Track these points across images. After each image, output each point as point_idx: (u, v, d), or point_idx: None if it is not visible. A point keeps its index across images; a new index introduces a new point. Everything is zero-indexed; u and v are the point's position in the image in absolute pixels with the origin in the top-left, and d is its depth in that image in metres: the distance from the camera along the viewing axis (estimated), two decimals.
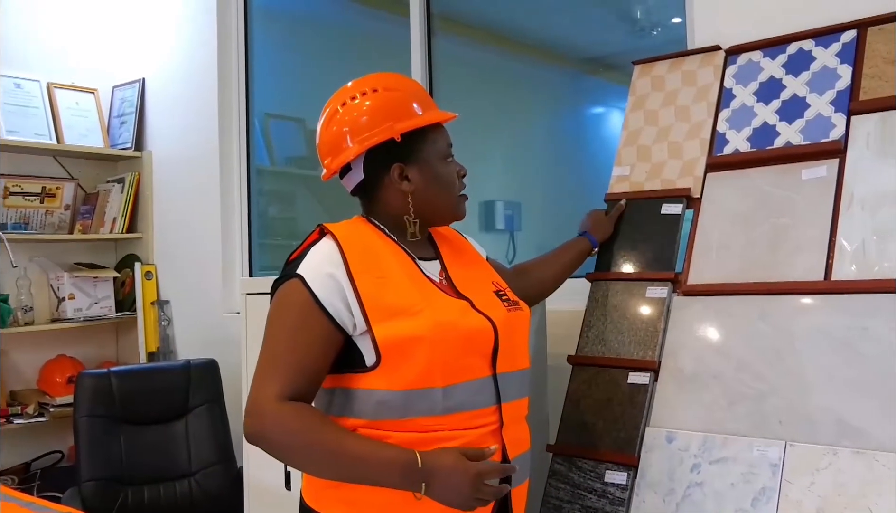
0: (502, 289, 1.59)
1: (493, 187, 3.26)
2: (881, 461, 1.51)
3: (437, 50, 3.17)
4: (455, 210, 1.58)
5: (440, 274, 1.54)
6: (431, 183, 1.52)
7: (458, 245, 1.68)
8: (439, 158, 1.54)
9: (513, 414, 1.50)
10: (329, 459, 1.34)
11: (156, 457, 2.97)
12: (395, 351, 1.37)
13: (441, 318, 1.39)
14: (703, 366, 1.82)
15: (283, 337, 1.39)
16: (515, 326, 1.53)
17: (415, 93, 1.55)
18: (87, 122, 3.89)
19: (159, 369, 3.22)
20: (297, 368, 1.37)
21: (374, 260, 1.44)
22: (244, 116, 3.67)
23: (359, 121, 1.49)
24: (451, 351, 1.39)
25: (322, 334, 1.38)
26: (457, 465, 1.30)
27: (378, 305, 1.38)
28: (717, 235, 1.93)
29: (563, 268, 1.98)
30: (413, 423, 1.37)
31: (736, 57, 2.07)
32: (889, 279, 1.63)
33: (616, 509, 1.82)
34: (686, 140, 2.07)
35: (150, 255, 3.85)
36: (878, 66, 1.82)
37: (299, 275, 1.41)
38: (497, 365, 1.46)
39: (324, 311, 1.38)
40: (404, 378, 1.37)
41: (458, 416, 1.39)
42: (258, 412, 1.35)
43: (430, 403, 1.37)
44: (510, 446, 1.47)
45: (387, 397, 1.37)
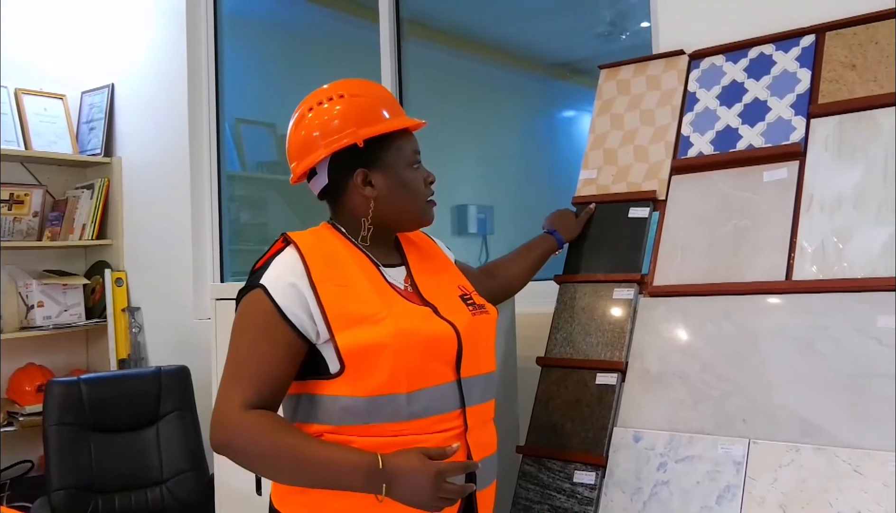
0: (468, 293, 1.60)
1: (465, 191, 3.27)
2: (841, 457, 1.54)
3: (406, 55, 3.18)
4: (421, 217, 1.58)
5: (405, 280, 1.55)
6: (395, 189, 1.53)
7: (426, 250, 1.69)
8: (404, 165, 1.54)
9: (478, 418, 1.50)
10: (292, 465, 1.34)
11: (127, 465, 2.95)
12: (358, 359, 1.38)
13: (403, 325, 1.40)
14: (668, 366, 1.84)
15: (246, 347, 1.40)
16: (480, 330, 1.54)
17: (381, 99, 1.55)
18: (56, 128, 3.86)
19: (129, 376, 3.20)
20: (261, 377, 1.38)
21: (336, 268, 1.45)
22: (214, 122, 3.66)
23: (324, 125, 1.50)
24: (413, 357, 1.39)
25: (285, 344, 1.39)
26: (418, 465, 1.31)
27: (340, 314, 1.39)
28: (681, 236, 1.96)
29: (530, 266, 2.00)
30: (377, 428, 1.38)
31: (699, 61, 2.10)
32: (848, 279, 1.66)
33: (584, 509, 1.84)
34: (651, 143, 2.10)
35: (121, 261, 3.82)
36: (835, 71, 1.86)
37: (262, 285, 1.42)
38: (461, 370, 1.47)
39: (286, 321, 1.39)
40: (368, 385, 1.38)
41: (422, 421, 1.40)
42: (223, 422, 1.36)
43: (394, 408, 1.38)
44: (475, 449, 1.47)
45: (351, 404, 1.38)
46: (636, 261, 2.01)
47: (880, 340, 1.58)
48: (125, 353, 3.68)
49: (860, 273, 1.66)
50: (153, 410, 3.06)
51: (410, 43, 3.19)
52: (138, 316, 3.75)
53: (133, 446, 2.98)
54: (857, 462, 1.52)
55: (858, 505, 1.48)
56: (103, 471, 2.89)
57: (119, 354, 3.67)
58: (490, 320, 1.59)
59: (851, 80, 1.83)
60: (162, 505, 2.94)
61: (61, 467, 2.82)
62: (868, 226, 1.68)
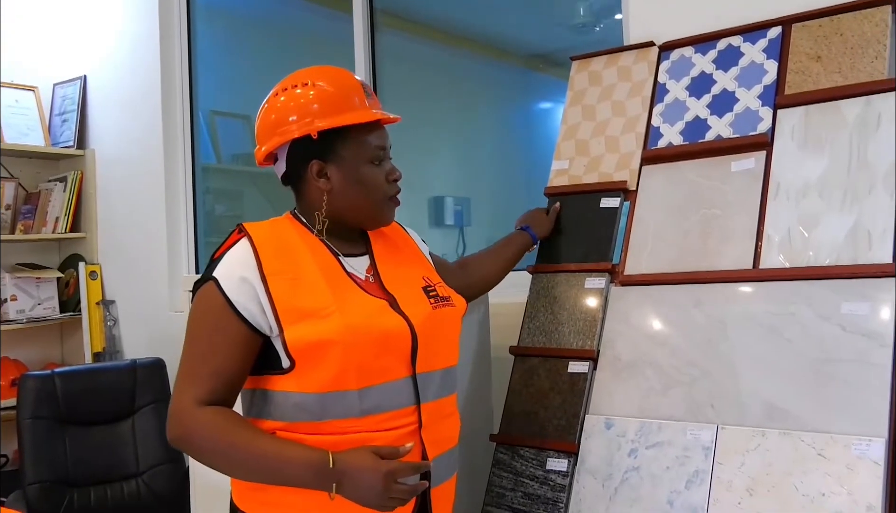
0: (432, 284, 1.57)
1: (442, 183, 3.29)
2: (806, 441, 1.57)
3: (380, 46, 3.18)
4: (377, 215, 1.54)
5: (368, 270, 1.53)
6: (350, 184, 1.49)
7: (395, 239, 1.66)
8: (362, 160, 1.50)
9: (434, 413, 1.48)
10: (244, 460, 1.35)
11: (102, 458, 2.94)
12: (306, 354, 1.36)
13: (352, 320, 1.38)
14: (639, 354, 1.87)
15: (200, 342, 1.40)
16: (441, 323, 1.51)
17: (347, 90, 1.51)
18: (28, 120, 3.82)
19: (104, 370, 3.19)
20: (215, 372, 1.38)
21: (289, 261, 1.43)
22: (188, 114, 3.65)
23: (286, 112, 1.48)
24: (364, 353, 1.38)
25: (238, 338, 1.38)
26: (368, 464, 1.30)
27: (290, 308, 1.38)
28: (652, 226, 1.98)
29: (506, 262, 2.00)
30: (330, 425, 1.37)
31: (669, 53, 2.12)
32: (813, 267, 1.70)
33: (557, 496, 1.86)
34: (622, 134, 2.12)
35: (95, 254, 3.80)
36: (801, 62, 1.89)
37: (215, 278, 1.41)
38: (416, 365, 1.44)
39: (238, 315, 1.38)
40: (318, 381, 1.36)
41: (375, 417, 1.39)
42: (178, 418, 1.37)
43: (346, 405, 1.37)
44: (430, 445, 1.46)
45: (303, 400, 1.37)
46: (607, 250, 2.03)
47: (843, 327, 1.61)
48: (100, 346, 3.67)
49: (825, 261, 1.69)
50: (128, 403, 3.05)
51: (384, 34, 3.20)
52: (113, 309, 3.73)
53: (108, 440, 2.97)
54: (821, 446, 1.55)
55: (822, 488, 1.52)
56: (78, 464, 2.88)
57: (94, 348, 3.65)
58: (453, 313, 1.57)
59: (817, 72, 1.86)
60: (138, 498, 2.94)
61: (36, 460, 2.80)
62: (833, 214, 1.72)
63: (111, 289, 3.76)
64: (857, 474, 1.49)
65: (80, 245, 3.85)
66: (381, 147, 1.52)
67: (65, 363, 3.85)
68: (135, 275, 3.67)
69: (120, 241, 3.73)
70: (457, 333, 1.59)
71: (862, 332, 1.59)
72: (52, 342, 3.89)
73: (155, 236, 3.58)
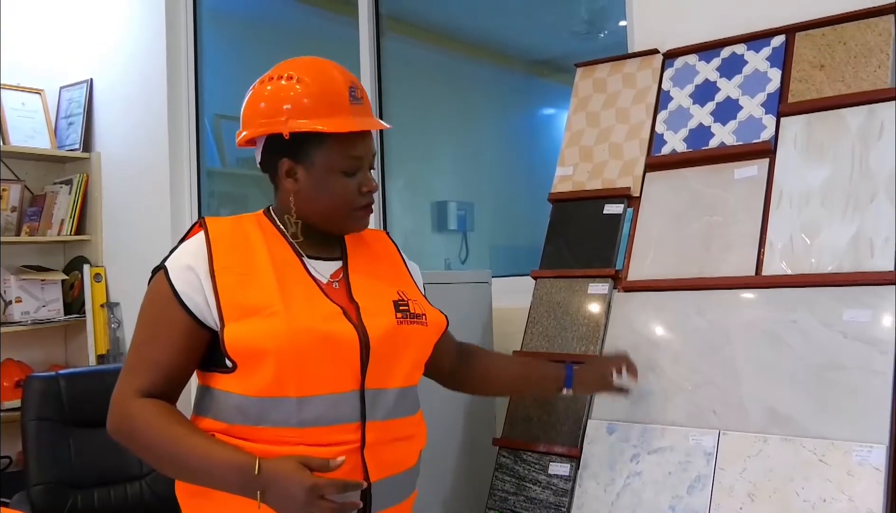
0: (405, 299, 1.47)
1: (445, 188, 3.30)
2: (807, 447, 1.58)
3: (386, 51, 3.20)
4: (342, 224, 1.45)
5: (336, 275, 1.46)
6: (317, 190, 1.41)
7: (377, 250, 1.57)
8: (333, 169, 1.40)
9: (382, 434, 1.38)
10: (173, 457, 1.31)
11: (106, 460, 2.94)
12: (244, 353, 1.31)
13: (297, 323, 1.31)
14: (642, 359, 1.87)
15: (144, 331, 1.38)
16: (403, 339, 1.42)
17: (330, 92, 1.41)
18: (34, 123, 3.83)
19: (109, 372, 3.18)
20: (155, 364, 1.35)
21: (243, 256, 1.38)
22: (194, 117, 3.66)
23: (267, 103, 1.43)
24: (306, 358, 1.31)
25: (182, 330, 1.34)
26: (293, 474, 1.22)
27: (233, 304, 1.33)
28: (655, 232, 1.99)
29: (520, 380, 1.76)
30: (266, 432, 1.31)
31: (673, 60, 2.14)
32: (815, 274, 1.71)
33: (559, 500, 1.87)
34: (626, 141, 2.13)
35: (100, 257, 3.81)
36: (804, 70, 1.90)
37: (164, 267, 1.38)
38: (366, 380, 1.36)
39: (183, 305, 1.34)
40: (257, 384, 1.31)
41: (314, 430, 1.31)
42: (114, 409, 1.35)
43: (285, 413, 1.31)
44: (373, 467, 1.36)
45: (242, 403, 1.32)
46: (610, 257, 2.04)
47: (845, 334, 1.62)
48: (104, 348, 3.68)
49: (827, 268, 1.70)
50: None
51: (390, 39, 3.21)
52: (117, 311, 3.74)
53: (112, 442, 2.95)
54: (822, 452, 1.56)
55: (823, 493, 1.53)
56: (82, 466, 2.88)
57: (98, 350, 3.66)
58: (422, 332, 1.46)
59: (820, 80, 1.87)
60: (141, 500, 2.94)
61: (40, 462, 2.81)
62: (835, 222, 1.73)
63: (115, 291, 3.77)
64: (858, 480, 1.50)
65: (84, 248, 3.86)
66: (358, 157, 1.42)
67: (69, 365, 3.86)
68: (139, 277, 3.61)
69: (125, 243, 3.75)
70: (423, 352, 1.48)
71: (863, 339, 1.60)
72: (56, 344, 3.90)
73: (159, 239, 3.60)
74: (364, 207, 1.45)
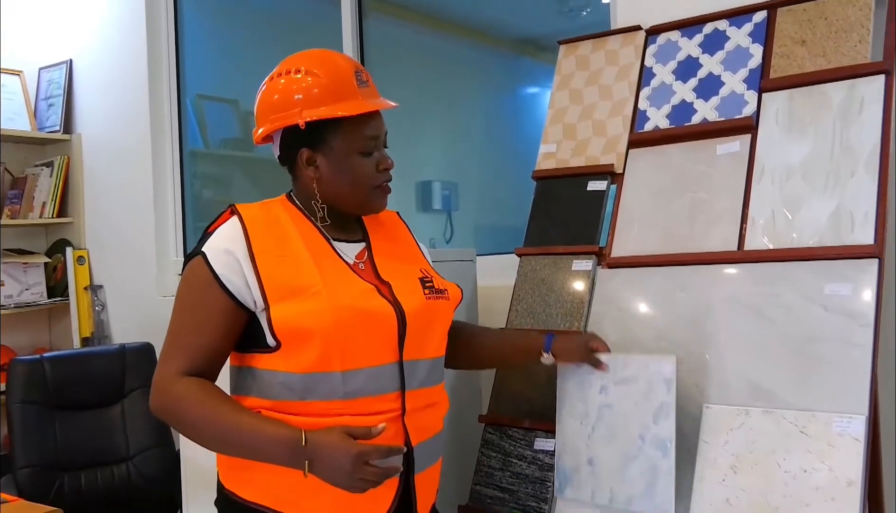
0: (429, 276, 1.57)
1: (429, 168, 3.30)
2: (788, 419, 1.60)
3: (368, 31, 3.18)
4: (366, 204, 1.53)
5: (360, 256, 1.54)
6: (338, 174, 1.49)
7: (394, 231, 1.66)
8: (351, 151, 1.48)
9: (418, 401, 1.48)
10: (221, 434, 1.37)
11: (92, 442, 2.95)
12: (291, 334, 1.37)
13: (339, 301, 1.38)
14: (626, 335, 1.89)
15: (184, 314, 1.43)
16: (433, 314, 1.52)
17: (339, 79, 1.48)
18: (14, 104, 3.80)
19: (93, 354, 3.19)
20: (197, 345, 1.40)
21: (278, 239, 1.45)
22: (175, 98, 3.64)
23: (280, 98, 1.49)
24: (349, 335, 1.38)
25: (223, 311, 1.40)
26: (338, 444, 1.30)
27: (276, 284, 1.39)
28: (638, 209, 2.00)
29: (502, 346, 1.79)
30: (313, 406, 1.38)
31: (656, 37, 2.14)
32: (796, 248, 1.72)
33: (545, 475, 1.89)
34: (609, 118, 2.14)
35: (82, 239, 3.79)
36: (786, 46, 1.91)
37: (203, 253, 1.43)
38: (404, 351, 1.45)
39: (223, 288, 1.39)
40: (303, 361, 1.37)
41: (358, 401, 1.39)
42: (159, 388, 1.40)
43: (330, 387, 1.38)
44: (413, 432, 1.46)
45: (288, 380, 1.39)
46: (594, 233, 2.05)
47: (826, 307, 1.64)
48: (88, 331, 3.67)
49: (808, 242, 1.72)
50: (118, 387, 3.05)
51: (372, 19, 3.19)
52: (101, 294, 3.73)
53: (98, 424, 2.98)
54: (803, 423, 1.58)
55: (804, 464, 1.55)
56: (68, 449, 2.89)
57: (82, 333, 3.65)
58: (447, 306, 1.57)
59: (801, 56, 1.88)
60: (128, 482, 2.95)
61: (26, 445, 2.81)
62: (816, 197, 1.74)
63: (99, 274, 3.76)
64: (838, 450, 1.52)
65: (67, 230, 3.84)
66: (373, 137, 1.51)
67: (53, 348, 3.84)
68: (123, 260, 3.66)
69: (107, 226, 3.73)
70: (448, 324, 1.59)
71: (844, 312, 1.62)
72: (40, 328, 3.89)
73: (143, 221, 3.58)
74: (382, 184, 1.53)
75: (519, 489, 1.92)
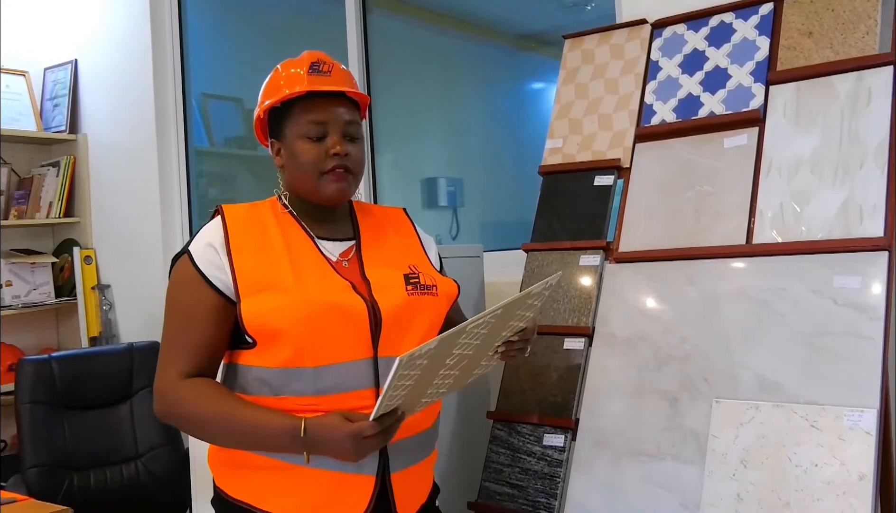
0: (416, 272, 1.54)
1: (434, 164, 3.29)
2: (799, 413, 1.59)
3: (372, 27, 3.18)
4: (316, 191, 1.50)
5: (346, 254, 1.53)
6: (290, 160, 1.51)
7: (386, 226, 1.63)
8: (296, 136, 1.49)
9: None
10: (226, 431, 1.39)
11: (101, 441, 2.95)
12: (261, 327, 1.38)
13: (309, 296, 1.39)
14: (634, 329, 1.89)
15: (175, 315, 1.45)
16: (415, 310, 1.48)
17: (290, 71, 1.52)
18: (19, 105, 3.80)
19: (101, 353, 3.19)
20: (192, 345, 1.42)
21: (257, 236, 1.47)
22: (181, 97, 3.63)
23: (259, 99, 1.57)
24: (319, 330, 1.38)
25: (212, 307, 1.41)
26: (337, 427, 1.30)
27: (248, 279, 1.41)
28: (645, 203, 1.99)
29: None
30: (287, 401, 1.39)
31: (661, 30, 2.13)
32: (805, 241, 1.71)
33: (554, 471, 1.89)
34: (615, 112, 2.13)
35: (89, 239, 3.79)
36: (793, 38, 1.90)
37: (188, 251, 1.45)
38: (379, 348, 1.42)
39: (209, 284, 1.41)
40: (276, 356, 1.39)
41: (331, 397, 1.38)
42: (161, 392, 1.42)
43: (303, 383, 1.38)
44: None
45: (262, 375, 1.41)
46: (601, 228, 2.04)
47: (835, 300, 1.63)
48: (96, 331, 3.67)
49: (817, 235, 1.71)
50: (126, 386, 3.06)
51: (376, 15, 3.19)
52: (108, 293, 3.73)
53: (107, 423, 2.98)
54: (813, 417, 1.57)
55: (815, 458, 1.54)
56: (77, 448, 2.89)
57: (90, 332, 3.65)
58: (434, 303, 1.52)
59: (808, 48, 1.87)
60: (137, 481, 2.96)
61: (35, 445, 2.81)
62: (824, 190, 1.73)
63: (106, 273, 3.76)
64: (850, 444, 1.52)
65: (74, 230, 3.84)
66: (319, 122, 1.48)
67: (61, 348, 3.85)
68: (129, 259, 3.66)
69: (114, 225, 3.73)
70: (434, 321, 1.53)
71: (853, 305, 1.61)
72: (47, 327, 3.89)
73: (149, 220, 3.58)
74: (332, 170, 1.48)
75: (528, 485, 1.91)
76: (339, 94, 1.51)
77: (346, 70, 1.57)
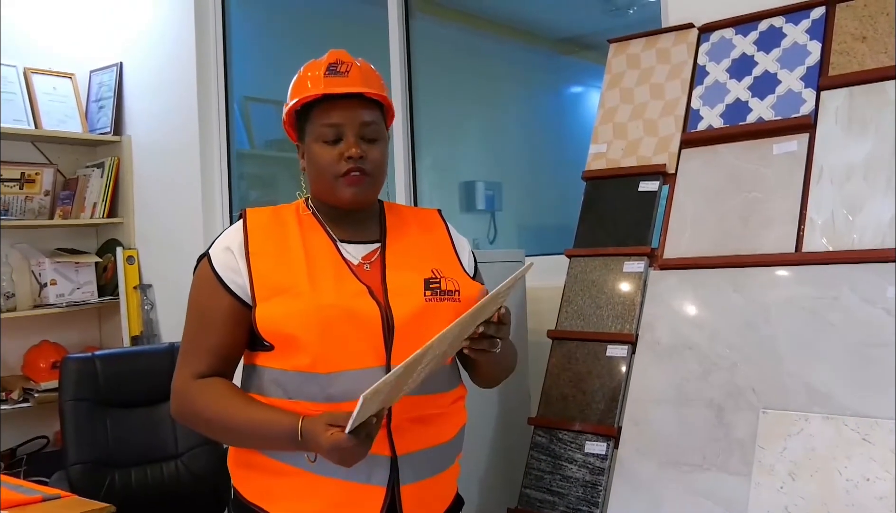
0: (438, 277, 1.47)
1: (473, 168, 3.29)
2: (850, 425, 1.56)
3: (415, 31, 3.18)
4: (333, 194, 1.47)
5: (369, 257, 1.49)
6: (309, 164, 1.50)
7: (421, 230, 1.58)
8: (313, 139, 1.47)
9: (408, 409, 1.40)
10: (232, 429, 1.40)
11: (142, 439, 2.98)
12: (273, 331, 1.39)
13: (322, 300, 1.37)
14: (678, 337, 1.86)
15: (194, 317, 1.47)
16: (433, 316, 1.41)
17: (308, 73, 1.51)
18: (66, 107, 3.86)
19: (144, 352, 3.23)
20: (207, 346, 1.43)
21: (277, 240, 1.46)
22: (223, 99, 3.67)
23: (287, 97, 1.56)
24: (329, 335, 1.36)
25: (228, 310, 1.42)
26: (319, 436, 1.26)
27: (265, 283, 1.41)
28: (691, 209, 1.97)
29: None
30: (299, 406, 1.37)
31: (709, 34, 2.10)
32: (857, 250, 1.68)
33: (596, 479, 1.87)
34: (661, 117, 2.11)
35: (132, 239, 3.85)
36: (846, 42, 1.86)
37: (208, 254, 1.47)
38: (392, 355, 1.38)
39: (226, 288, 1.43)
40: (291, 360, 1.38)
41: (340, 405, 1.33)
42: (176, 394, 1.45)
43: (314, 388, 1.37)
44: (399, 442, 1.40)
45: (279, 377, 1.41)
46: (646, 234, 2.02)
47: (889, 310, 1.60)
48: (138, 330, 3.72)
49: (869, 244, 1.67)
50: (167, 385, 3.06)
51: (419, 19, 3.19)
52: (150, 293, 3.78)
53: (148, 421, 3.01)
54: (865, 430, 1.54)
55: (866, 472, 1.51)
56: (119, 446, 2.92)
57: (132, 331, 3.70)
58: (452, 308, 1.44)
59: (862, 52, 1.83)
60: (177, 479, 2.98)
61: (78, 442, 2.85)
62: (878, 197, 1.69)
63: (148, 273, 3.81)
64: None
65: (117, 230, 3.90)
66: (334, 124, 1.45)
67: (103, 347, 3.91)
68: (171, 259, 3.71)
69: (157, 226, 3.77)
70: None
71: None
72: (90, 326, 3.95)
73: (191, 221, 3.62)
74: (346, 173, 1.45)
75: (569, 493, 1.90)
76: (357, 94, 1.47)
77: (369, 68, 1.53)
